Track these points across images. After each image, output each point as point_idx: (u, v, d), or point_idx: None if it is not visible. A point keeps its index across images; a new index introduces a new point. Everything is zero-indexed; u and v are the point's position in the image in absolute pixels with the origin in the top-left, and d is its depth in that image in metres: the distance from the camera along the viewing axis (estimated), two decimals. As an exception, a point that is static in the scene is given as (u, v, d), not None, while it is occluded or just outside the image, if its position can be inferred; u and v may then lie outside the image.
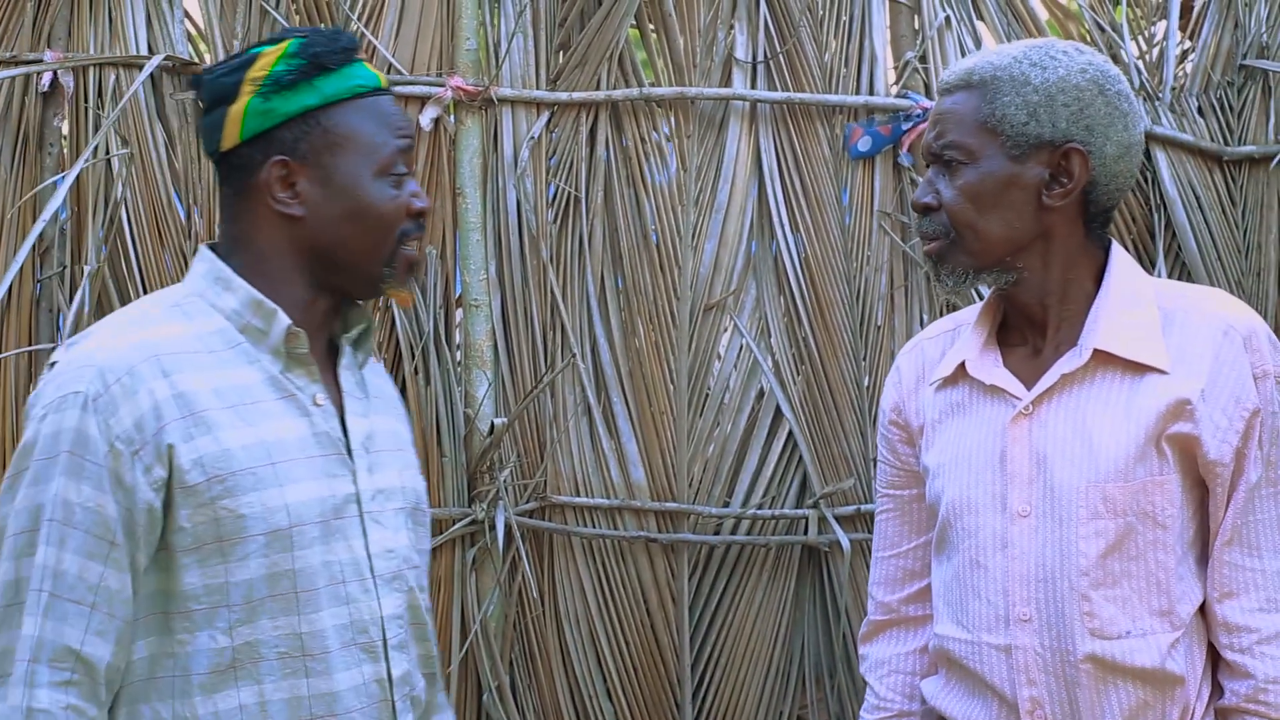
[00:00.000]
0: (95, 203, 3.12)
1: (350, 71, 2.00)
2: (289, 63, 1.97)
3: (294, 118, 1.96)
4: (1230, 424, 2.07)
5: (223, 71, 2.00)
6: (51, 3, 3.19)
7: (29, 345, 3.13)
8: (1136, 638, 2.08)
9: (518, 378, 3.29)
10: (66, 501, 1.82)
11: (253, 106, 1.96)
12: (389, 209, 1.98)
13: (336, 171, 1.97)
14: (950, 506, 2.18)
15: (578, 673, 3.30)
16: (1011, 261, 2.13)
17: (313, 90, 1.96)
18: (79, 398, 1.84)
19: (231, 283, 1.96)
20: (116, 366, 1.86)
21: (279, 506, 1.89)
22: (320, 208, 1.97)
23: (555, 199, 3.34)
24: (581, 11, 3.38)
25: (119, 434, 1.83)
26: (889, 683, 2.36)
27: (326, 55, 1.98)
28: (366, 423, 2.02)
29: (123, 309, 2.04)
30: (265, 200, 1.97)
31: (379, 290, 2.03)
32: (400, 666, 2.00)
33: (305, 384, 1.97)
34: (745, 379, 3.38)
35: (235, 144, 1.97)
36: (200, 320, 1.95)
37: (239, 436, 1.88)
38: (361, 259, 1.99)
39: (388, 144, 1.99)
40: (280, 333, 1.95)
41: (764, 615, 3.37)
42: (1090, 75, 2.10)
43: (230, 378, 1.91)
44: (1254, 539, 2.10)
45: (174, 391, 1.87)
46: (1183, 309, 2.12)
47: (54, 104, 3.18)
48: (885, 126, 3.38)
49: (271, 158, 1.95)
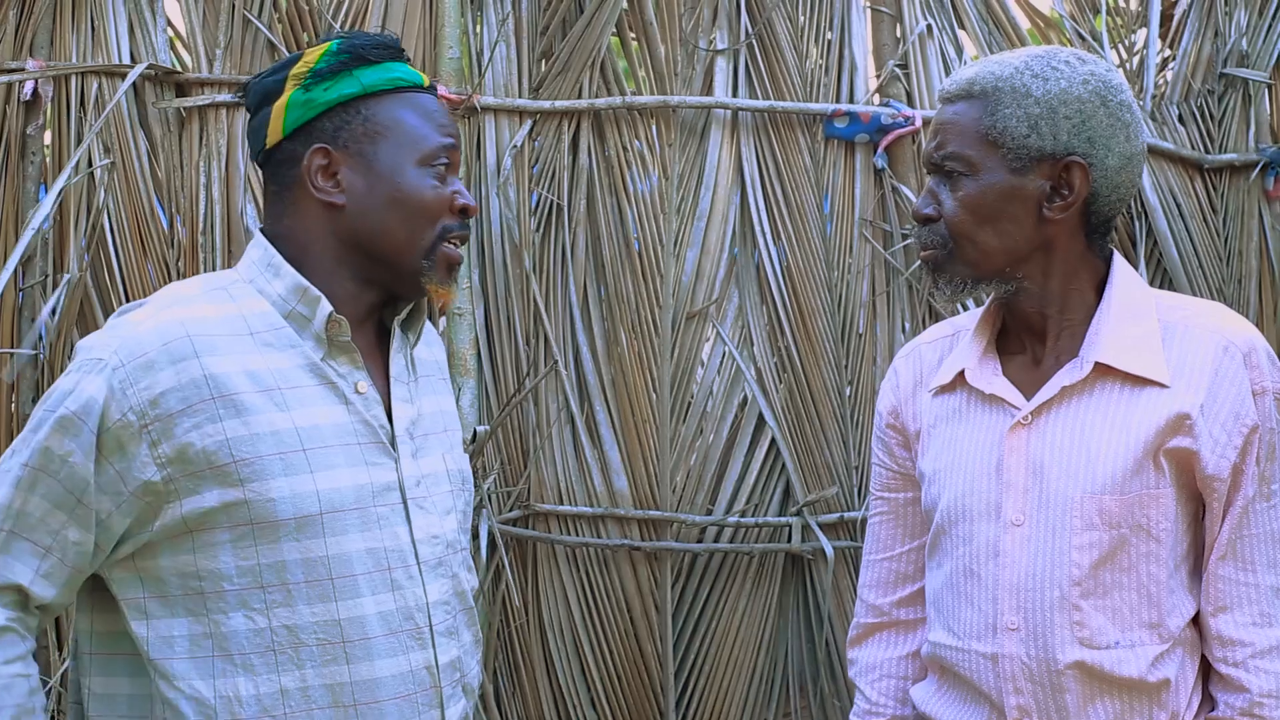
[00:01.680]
0: (78, 211, 3.12)
1: (392, 66, 2.03)
2: (331, 58, 2.00)
3: (334, 107, 1.98)
4: (1229, 440, 2.07)
5: (270, 72, 2.04)
6: (33, 11, 3.19)
7: (11, 352, 3.12)
8: (1125, 649, 2.08)
9: (501, 386, 3.29)
10: (48, 450, 1.86)
11: (294, 98, 1.99)
12: (430, 199, 1.99)
13: (377, 159, 1.98)
14: (945, 513, 2.18)
15: (562, 680, 3.30)
16: (1011, 272, 2.13)
17: (353, 80, 1.99)
18: (100, 364, 1.87)
19: (280, 269, 1.97)
20: (146, 341, 1.88)
21: (309, 492, 1.89)
22: (361, 195, 1.98)
23: (538, 207, 3.35)
24: (563, 20, 3.39)
25: (133, 404, 1.85)
26: (880, 687, 2.35)
27: (368, 49, 2.01)
28: (412, 408, 2.03)
29: (176, 283, 2.05)
30: (308, 190, 1.98)
31: (420, 286, 2.02)
32: (448, 653, 2.00)
33: (348, 371, 1.97)
34: (728, 387, 3.38)
35: (279, 139, 2.00)
36: (245, 303, 1.96)
37: (270, 421, 1.89)
38: (402, 249, 1.99)
39: (430, 136, 2.00)
40: (323, 319, 1.96)
41: (747, 623, 3.37)
42: (1092, 86, 2.09)
43: (268, 362, 1.92)
44: (1249, 554, 2.11)
45: (205, 372, 1.88)
46: (1183, 323, 2.12)
47: (36, 112, 3.18)
48: (865, 115, 3.39)
49: (312, 146, 1.98)
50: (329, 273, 1.99)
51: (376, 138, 1.98)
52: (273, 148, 2.01)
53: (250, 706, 1.88)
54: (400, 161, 1.98)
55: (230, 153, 3.19)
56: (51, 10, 3.20)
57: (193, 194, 3.17)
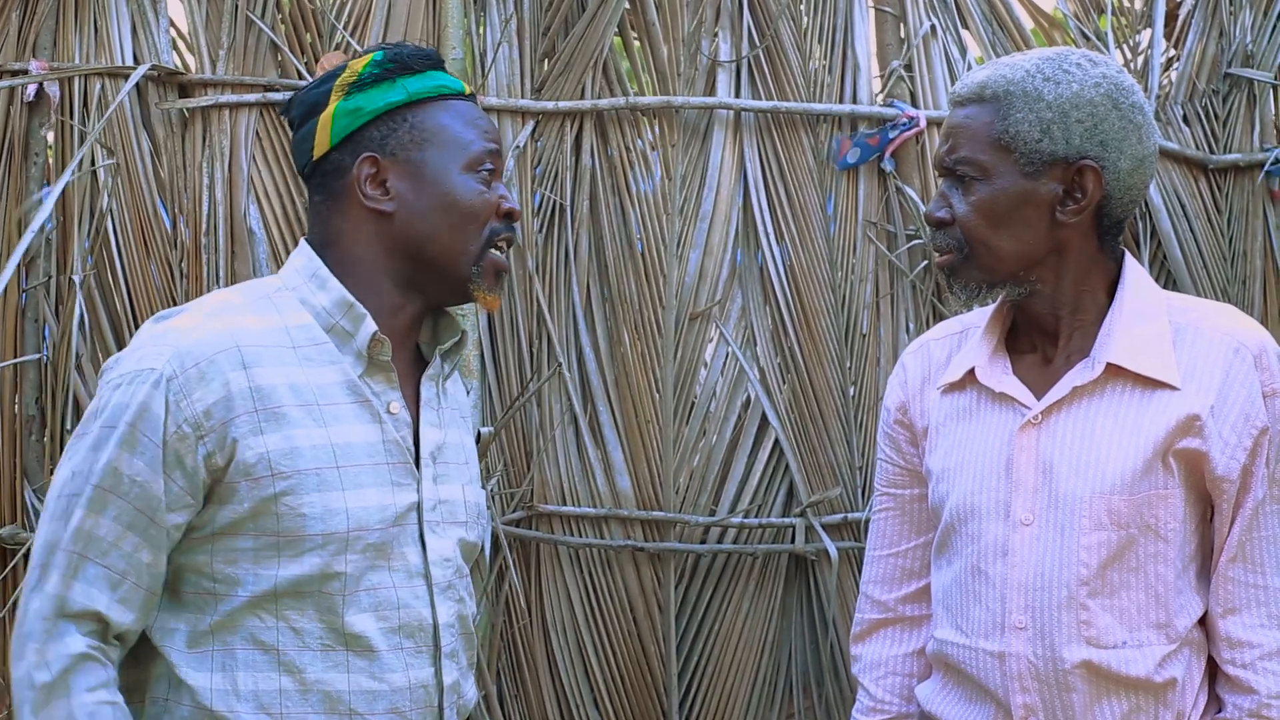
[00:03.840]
0: (81, 213, 3.12)
1: (435, 74, 2.04)
2: (375, 67, 2.01)
3: (381, 115, 2.00)
4: (1239, 441, 2.07)
5: (314, 85, 2.05)
6: (37, 12, 3.19)
7: (14, 355, 3.13)
8: (1133, 648, 2.08)
9: (504, 387, 3.29)
10: (116, 470, 1.84)
11: (341, 108, 2.00)
12: (478, 203, 2.00)
13: (426, 166, 1.99)
14: (954, 512, 2.18)
15: (565, 682, 3.30)
16: (1025, 275, 2.13)
17: (397, 88, 2.00)
18: (154, 374, 1.86)
19: (326, 282, 1.98)
20: (196, 351, 1.88)
21: (340, 510, 1.90)
22: (410, 202, 1.99)
23: (541, 208, 3.34)
24: (566, 20, 3.39)
25: (188, 416, 1.85)
26: (886, 684, 2.35)
27: (411, 58, 2.03)
28: (439, 434, 2.04)
29: (217, 293, 2.06)
30: (356, 199, 1.99)
31: (467, 292, 2.03)
32: (450, 674, 2.01)
33: (383, 390, 1.98)
34: (731, 388, 3.38)
35: (326, 150, 2.01)
36: (289, 315, 1.96)
37: (309, 436, 1.90)
38: (451, 254, 2.00)
39: (475, 142, 2.02)
40: (366, 337, 1.96)
41: (751, 624, 3.37)
42: (1104, 89, 2.09)
43: (308, 376, 1.93)
44: (1258, 555, 2.11)
45: (251, 384, 1.88)
46: (1194, 324, 2.12)
47: (39, 113, 3.18)
48: (873, 138, 3.39)
49: (361, 155, 1.99)
50: (374, 284, 2.00)
51: (424, 144, 2.00)
52: (320, 159, 2.01)
53: (247, 701, 1.88)
54: (447, 167, 2.00)
55: (233, 154, 3.19)
56: (54, 11, 3.19)
57: (196, 195, 3.17)
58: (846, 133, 3.43)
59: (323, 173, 2.02)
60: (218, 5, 3.26)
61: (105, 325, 3.13)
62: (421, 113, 2.01)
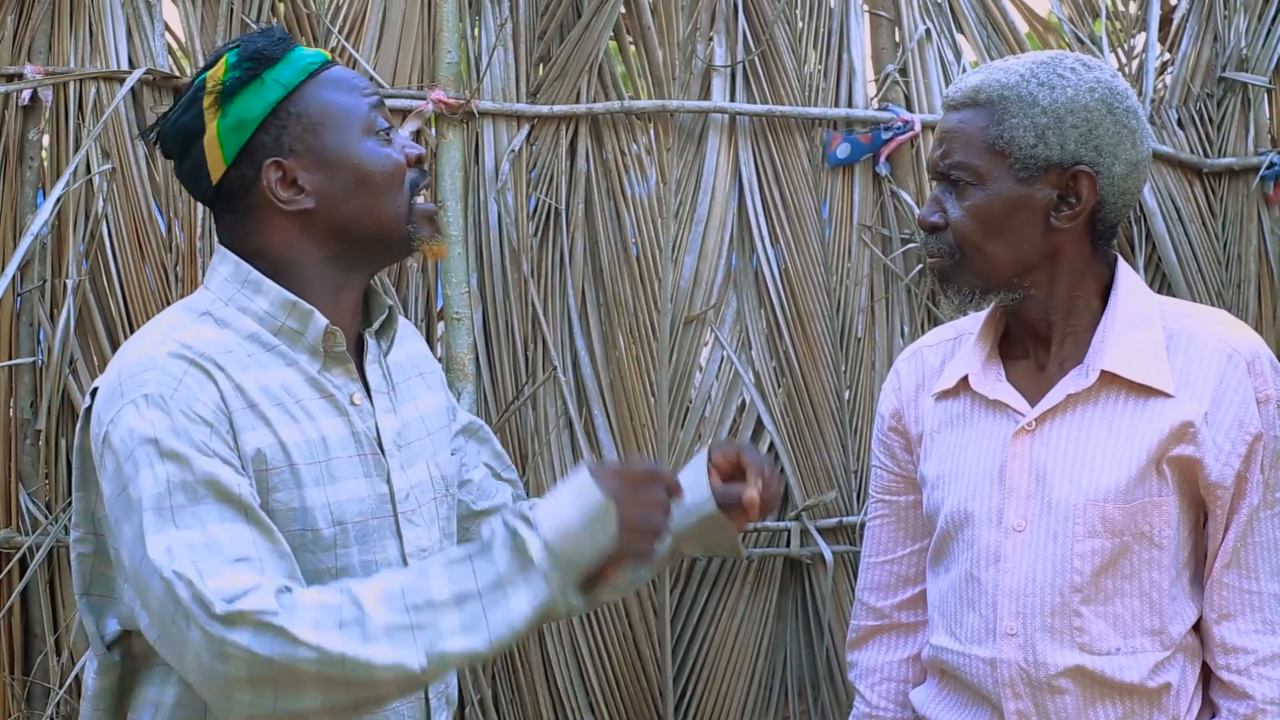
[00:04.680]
0: (76, 216, 3.12)
1: (295, 55, 1.98)
2: (235, 71, 1.95)
3: (265, 118, 1.94)
4: (1233, 447, 2.07)
5: (178, 113, 1.98)
6: (32, 16, 3.19)
7: (9, 358, 3.12)
8: (1126, 655, 2.08)
9: (499, 390, 3.29)
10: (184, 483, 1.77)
11: (222, 126, 1.94)
12: (390, 165, 1.97)
13: (326, 150, 1.95)
14: (948, 519, 2.18)
15: (560, 685, 3.30)
16: (1018, 281, 2.12)
17: (269, 86, 1.95)
18: (155, 398, 1.81)
19: (261, 285, 1.94)
20: (176, 365, 1.83)
21: (322, 505, 1.89)
22: (327, 190, 1.95)
23: (536, 212, 3.34)
24: (561, 25, 3.39)
25: (205, 416, 1.82)
26: (881, 690, 2.36)
27: (267, 49, 1.96)
28: (396, 418, 2.02)
29: (148, 324, 1.99)
30: (273, 207, 1.95)
31: (410, 250, 2.01)
32: None
33: (344, 383, 1.96)
34: (726, 391, 3.38)
35: (223, 170, 1.95)
36: (233, 325, 1.93)
37: (289, 433, 1.88)
38: (383, 223, 1.97)
39: (360, 105, 1.98)
40: (318, 332, 1.94)
41: (746, 628, 3.37)
42: (1099, 94, 2.08)
43: (274, 378, 1.91)
44: (1253, 562, 2.11)
45: (232, 384, 1.86)
46: (1187, 330, 2.11)
47: (34, 117, 3.18)
48: (865, 135, 3.39)
49: (262, 163, 1.94)
50: (314, 276, 1.97)
51: (316, 129, 1.95)
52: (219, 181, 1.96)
53: None
54: (346, 141, 1.96)
55: (228, 158, 3.19)
56: (49, 15, 3.19)
57: (190, 199, 3.17)
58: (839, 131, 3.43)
59: (226, 193, 1.97)
60: (213, 9, 3.26)
61: (100, 329, 3.13)
62: (301, 100, 1.95)
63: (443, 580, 1.76)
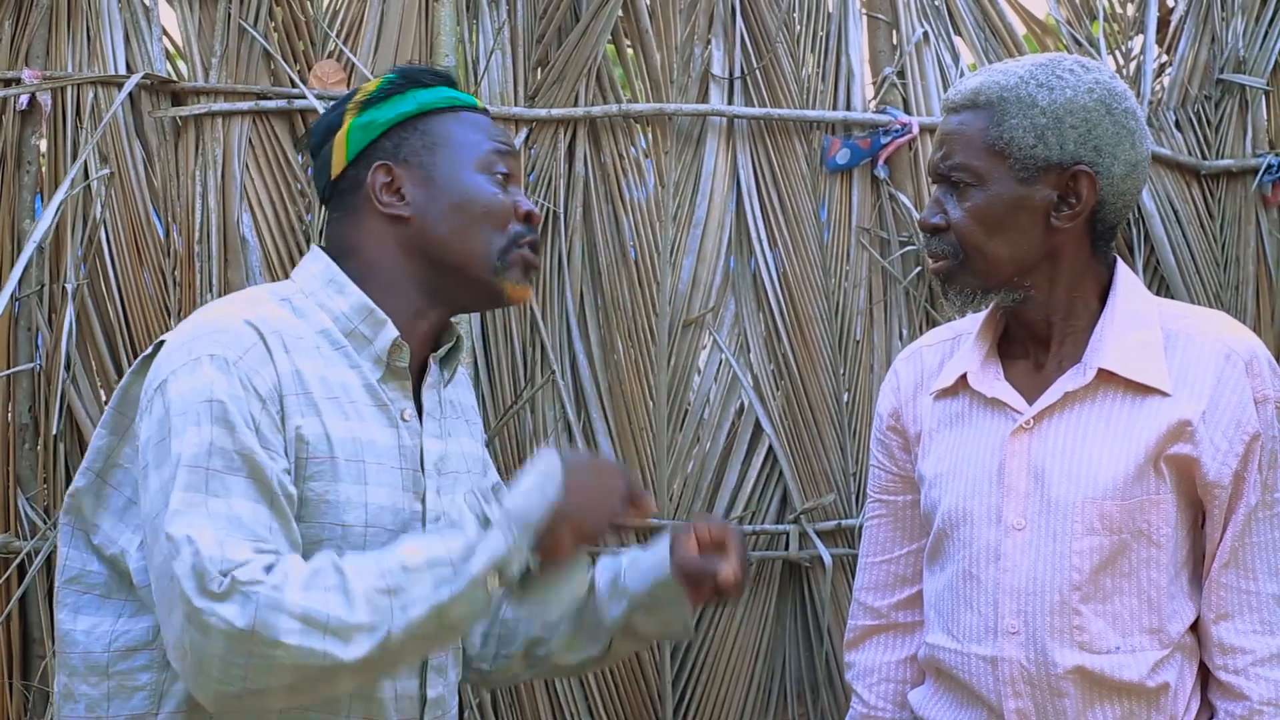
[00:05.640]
0: (74, 221, 3.12)
1: (445, 88, 2.07)
2: (387, 84, 2.05)
3: (393, 126, 2.02)
4: (1230, 447, 2.07)
5: (329, 111, 2.08)
6: (29, 21, 3.19)
7: (7, 364, 3.12)
8: (1125, 654, 2.08)
9: (498, 394, 3.29)
10: (224, 449, 1.79)
11: (354, 124, 2.03)
12: (493, 202, 2.01)
13: (438, 169, 2.01)
14: (946, 517, 2.18)
15: (559, 689, 3.30)
16: (1019, 281, 2.13)
17: (409, 99, 2.03)
18: (219, 360, 1.82)
19: (345, 287, 1.98)
20: (248, 334, 1.86)
21: (360, 503, 1.90)
22: (426, 205, 2.00)
23: (534, 215, 3.34)
24: (559, 28, 3.39)
25: (264, 392, 1.84)
26: (879, 691, 2.36)
27: (422, 74, 2.06)
28: (441, 445, 2.04)
29: (242, 292, 2.05)
30: (373, 208, 2.00)
31: (493, 293, 2.02)
32: (435, 689, 2.01)
33: (398, 397, 1.99)
34: (725, 394, 3.38)
35: (343, 166, 2.03)
36: (310, 316, 1.97)
37: (338, 427, 1.90)
38: (471, 255, 2.00)
39: (485, 144, 2.04)
40: (386, 343, 1.97)
41: (745, 631, 3.36)
42: (1098, 95, 2.10)
43: (335, 373, 1.93)
44: (1250, 562, 2.11)
45: (293, 367, 1.88)
46: (1185, 331, 2.12)
47: (32, 122, 3.18)
48: (864, 140, 3.39)
49: (374, 164, 2.00)
50: (396, 289, 2.00)
51: (435, 149, 2.02)
52: (337, 178, 2.03)
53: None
54: (459, 168, 2.01)
55: (226, 162, 3.19)
56: (47, 20, 3.19)
57: (189, 203, 3.17)
58: (838, 135, 3.43)
59: (340, 190, 2.04)
60: (210, 14, 3.26)
61: (98, 334, 3.13)
62: (432, 121, 2.03)
63: (416, 549, 1.80)
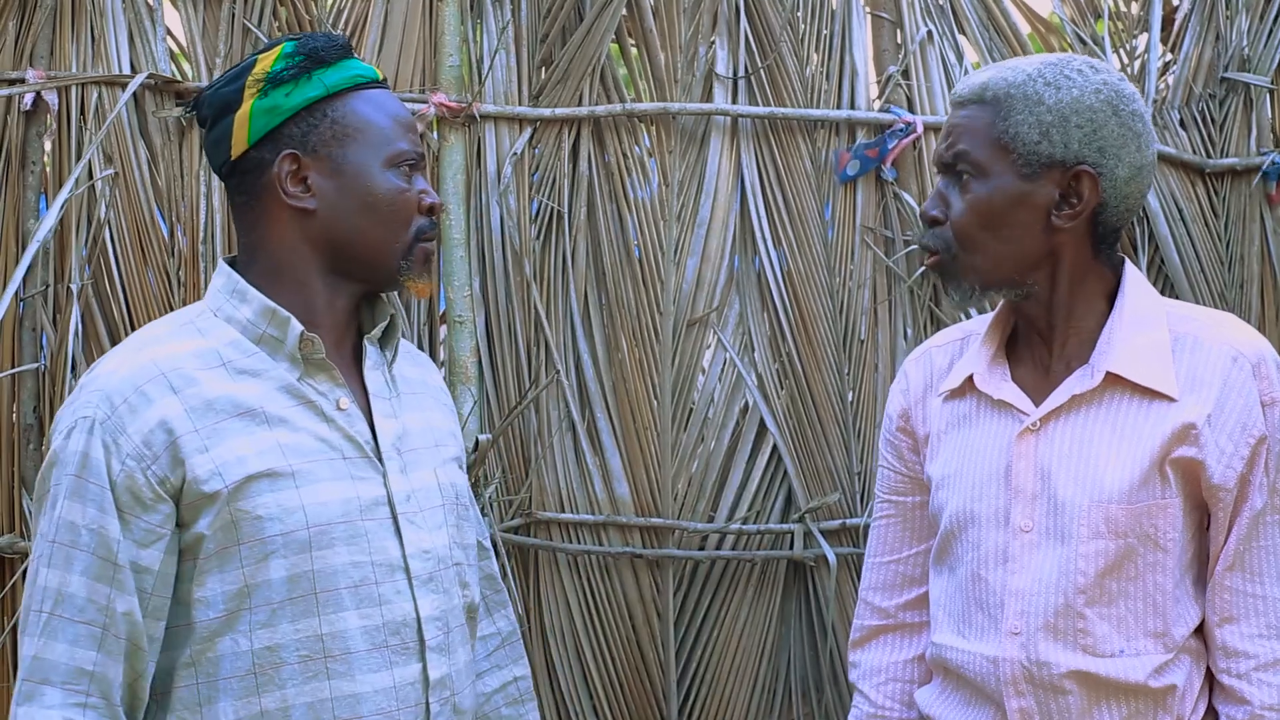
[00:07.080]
0: (78, 221, 3.12)
1: (348, 64, 2.02)
2: (287, 60, 1.99)
3: (299, 111, 1.98)
4: (1236, 450, 2.07)
5: (223, 83, 2.02)
6: (34, 21, 3.19)
7: (11, 363, 3.12)
8: (1130, 657, 2.08)
9: (502, 394, 3.29)
10: (71, 524, 1.85)
11: (257, 106, 1.97)
12: (400, 200, 1.99)
13: (346, 162, 1.98)
14: (954, 519, 2.18)
15: (563, 689, 3.30)
16: (1020, 279, 2.13)
17: (314, 83, 1.98)
18: (87, 422, 1.87)
19: (246, 294, 1.97)
20: (123, 388, 1.88)
21: (295, 508, 1.89)
22: (333, 200, 1.98)
23: (538, 215, 3.34)
24: (563, 28, 3.39)
25: (129, 452, 1.86)
26: (886, 690, 2.36)
27: (324, 50, 2.00)
28: (396, 423, 2.03)
29: (142, 329, 2.06)
30: (278, 198, 1.98)
31: (398, 282, 2.03)
32: (439, 669, 1.99)
33: (328, 389, 1.98)
34: (729, 394, 3.38)
35: (244, 149, 1.99)
36: (215, 335, 1.96)
37: (254, 443, 1.90)
38: (378, 251, 2.00)
39: (396, 138, 2.01)
40: (295, 339, 1.96)
41: (750, 631, 3.37)
42: (1104, 96, 2.09)
43: (244, 389, 1.93)
44: (1256, 565, 2.11)
45: (185, 406, 1.88)
46: (1193, 334, 2.12)
47: (37, 122, 3.18)
48: (873, 149, 3.39)
49: (281, 153, 1.97)
50: (304, 281, 1.99)
51: (344, 140, 1.98)
52: (238, 158, 1.99)
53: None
54: (369, 163, 1.98)
55: (230, 162, 3.19)
56: (51, 20, 3.19)
57: (193, 203, 3.17)
58: (844, 141, 3.42)
59: (241, 171, 2.00)
60: (215, 14, 3.26)
61: (103, 334, 3.13)
62: (340, 106, 1.99)
63: None
